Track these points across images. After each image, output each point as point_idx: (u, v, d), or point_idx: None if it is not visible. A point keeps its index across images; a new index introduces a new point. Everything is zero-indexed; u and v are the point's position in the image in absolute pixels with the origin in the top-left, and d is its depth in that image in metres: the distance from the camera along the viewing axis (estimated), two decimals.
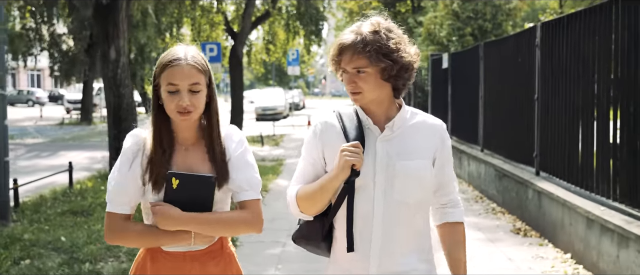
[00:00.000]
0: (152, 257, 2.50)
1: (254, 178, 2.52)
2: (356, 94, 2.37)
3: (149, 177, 2.44)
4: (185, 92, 2.40)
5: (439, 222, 2.57)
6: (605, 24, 6.13)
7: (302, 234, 2.55)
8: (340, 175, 2.33)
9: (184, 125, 2.48)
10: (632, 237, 5.24)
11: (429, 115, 2.52)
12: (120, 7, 11.80)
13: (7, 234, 7.41)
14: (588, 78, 6.54)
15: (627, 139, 5.66)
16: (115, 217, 2.45)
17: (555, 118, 7.49)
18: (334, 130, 2.46)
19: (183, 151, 2.50)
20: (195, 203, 2.39)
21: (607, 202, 6.05)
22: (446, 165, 2.51)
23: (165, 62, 2.43)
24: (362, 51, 2.32)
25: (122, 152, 2.50)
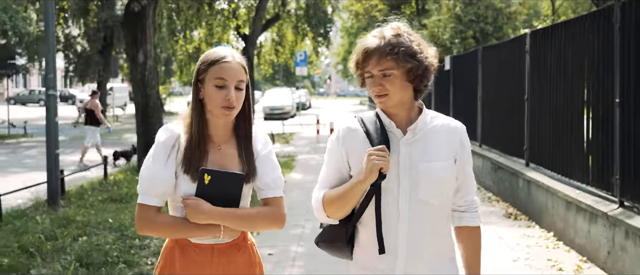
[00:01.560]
0: (181, 249, 2.60)
1: (279, 178, 2.65)
2: (382, 96, 2.42)
3: (183, 171, 2.52)
4: (232, 87, 2.51)
5: (456, 225, 2.61)
6: (581, 34, 7.16)
7: (325, 237, 2.60)
8: (369, 179, 2.36)
9: (221, 122, 2.59)
10: (599, 213, 6.27)
11: (449, 117, 2.58)
12: (148, 15, 12.86)
13: (61, 216, 8.48)
14: (568, 82, 7.56)
15: (597, 135, 6.69)
16: (147, 209, 2.53)
17: (541, 116, 8.52)
18: (358, 134, 2.51)
19: (216, 149, 2.60)
20: (224, 198, 2.50)
21: (582, 187, 7.09)
22: (466, 167, 2.55)
23: (214, 59, 2.54)
24: (390, 53, 2.37)
25: (155, 145, 2.58)
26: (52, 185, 9.19)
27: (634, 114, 5.81)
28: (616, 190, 6.18)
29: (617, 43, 6.08)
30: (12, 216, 8.40)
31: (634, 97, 5.80)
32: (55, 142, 9.24)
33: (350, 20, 45.11)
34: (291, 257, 6.97)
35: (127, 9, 12.97)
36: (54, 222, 8.09)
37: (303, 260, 6.76)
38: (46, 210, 8.96)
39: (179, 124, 2.62)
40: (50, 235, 7.42)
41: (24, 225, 7.78)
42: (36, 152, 19.34)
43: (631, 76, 5.86)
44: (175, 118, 2.64)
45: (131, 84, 13.98)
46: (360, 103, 64.69)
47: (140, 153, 13.19)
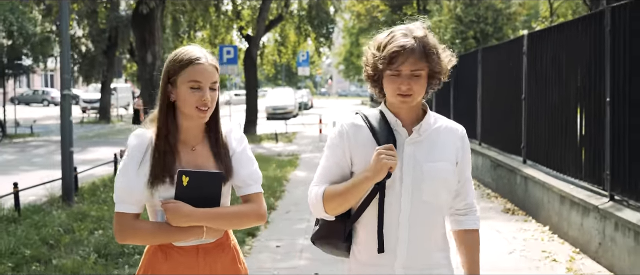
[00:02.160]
0: (165, 253, 2.55)
1: (256, 172, 2.63)
2: (408, 96, 2.40)
3: (157, 175, 2.48)
4: (206, 89, 2.48)
5: (456, 229, 2.63)
6: (574, 37, 7.50)
7: (321, 234, 2.58)
8: (377, 177, 2.36)
9: (194, 123, 2.55)
10: (591, 207, 6.61)
11: (450, 120, 2.60)
12: (156, 17, 13.23)
13: (76, 211, 8.82)
14: (562, 82, 7.90)
15: (589, 132, 7.03)
16: (125, 217, 2.48)
17: (538, 115, 8.86)
18: (362, 131, 2.51)
19: (189, 150, 2.57)
20: (205, 199, 2.47)
21: (575, 182, 7.43)
22: (466, 169, 2.57)
23: (187, 60, 2.49)
24: (425, 54, 2.38)
25: (128, 150, 2.53)
26: (66, 181, 9.54)
27: (624, 113, 6.15)
28: (607, 184, 6.52)
29: (608, 45, 6.43)
30: (29, 211, 8.75)
31: (624, 97, 6.14)
32: (69, 140, 9.58)
33: (352, 20, 45.47)
34: (298, 248, 7.31)
35: (136, 11, 13.34)
36: (70, 216, 8.44)
37: (309, 252, 7.09)
38: (61, 206, 9.31)
39: (150, 127, 2.57)
40: (68, 229, 7.78)
41: (42, 220, 8.13)
42: (44, 151, 19.70)
43: (621, 76, 6.20)
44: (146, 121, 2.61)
45: (139, 84, 14.33)
46: (361, 103, 65.07)
47: None
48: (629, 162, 6.07)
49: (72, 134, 9.71)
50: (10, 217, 8.39)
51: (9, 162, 16.50)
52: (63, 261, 6.45)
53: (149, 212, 2.57)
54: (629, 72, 6.03)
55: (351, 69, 62.10)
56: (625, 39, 6.11)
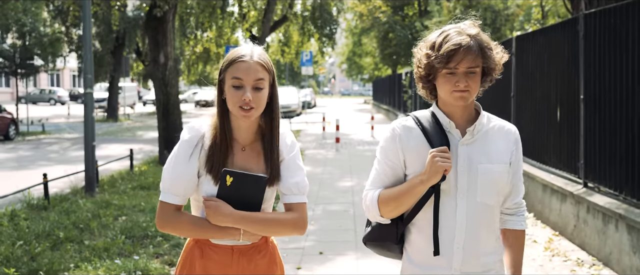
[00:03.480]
0: (201, 250, 2.57)
1: (304, 182, 2.58)
2: (465, 92, 2.38)
3: (206, 171, 2.48)
4: (249, 87, 2.44)
5: (502, 227, 2.60)
6: (555, 40, 8.25)
7: (374, 236, 2.59)
8: (432, 180, 2.36)
9: (244, 124, 2.52)
10: (568, 193, 7.36)
11: (503, 120, 2.60)
12: (168, 19, 13.98)
13: (100, 200, 9.59)
14: (544, 81, 8.64)
15: (567, 126, 7.78)
16: (168, 207, 2.50)
17: (524, 111, 9.60)
18: (414, 134, 2.49)
19: (240, 150, 2.55)
20: (246, 201, 2.46)
21: (555, 171, 8.18)
22: (519, 169, 2.56)
23: (232, 58, 2.48)
24: (481, 51, 2.37)
25: (180, 143, 2.53)
26: (89, 173, 10.31)
27: (595, 109, 6.90)
28: (581, 173, 7.27)
29: (581, 48, 7.17)
30: (57, 200, 9.53)
31: (595, 95, 6.88)
32: (91, 135, 10.35)
33: (355, 20, 46.20)
34: (305, 232, 8.06)
35: (149, 14, 14.08)
36: (96, 204, 9.22)
37: (315, 235, 7.84)
38: (84, 196, 10.08)
39: (206, 122, 2.58)
40: (95, 215, 8.55)
41: (71, 207, 8.91)
42: (58, 148, 20.47)
43: (592, 76, 6.94)
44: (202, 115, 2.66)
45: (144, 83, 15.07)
46: (364, 102, 65.77)
47: (161, 147, 14.30)
48: (599, 153, 6.82)
49: (94, 130, 10.47)
50: (41, 205, 9.18)
51: (26, 158, 17.28)
52: (94, 242, 7.21)
53: (192, 206, 2.62)
54: (599, 73, 6.77)
55: (354, 69, 62.77)
56: (595, 42, 6.85)
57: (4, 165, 15.76)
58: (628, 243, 5.86)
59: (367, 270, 6.39)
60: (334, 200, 9.99)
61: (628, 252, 5.86)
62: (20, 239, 7.11)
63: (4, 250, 6.64)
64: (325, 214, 9.09)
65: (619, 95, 6.27)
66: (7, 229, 7.63)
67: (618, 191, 6.37)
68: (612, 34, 6.41)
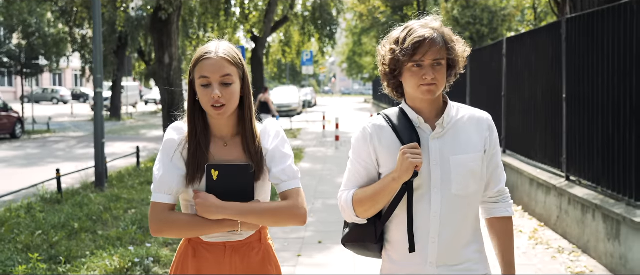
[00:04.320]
0: (194, 249, 2.55)
1: (290, 167, 2.52)
2: (432, 85, 2.38)
3: (188, 169, 2.47)
4: (216, 84, 2.41)
5: (487, 217, 2.58)
6: (541, 42, 8.72)
7: (353, 237, 2.58)
8: (404, 177, 2.34)
9: (220, 121, 2.50)
10: (552, 186, 7.84)
11: (474, 108, 2.58)
12: (173, 21, 14.46)
13: (110, 194, 10.08)
14: (532, 81, 9.12)
15: (551, 124, 8.26)
16: (160, 207, 2.45)
17: (514, 109, 10.08)
18: (385, 132, 2.49)
19: (222, 146, 2.53)
20: (237, 193, 2.45)
21: (541, 166, 8.66)
22: (495, 156, 2.53)
23: (198, 57, 2.46)
24: (444, 43, 2.38)
25: (163, 143, 2.53)
26: (99, 169, 10.79)
27: (576, 107, 7.37)
28: (564, 167, 7.74)
29: (564, 50, 7.65)
30: (69, 194, 10.01)
31: (577, 94, 7.36)
32: (101, 133, 10.82)
33: (355, 20, 46.65)
34: (306, 222, 8.54)
35: (154, 16, 14.56)
36: (106, 198, 9.70)
37: (314, 227, 8.32)
38: (94, 191, 10.56)
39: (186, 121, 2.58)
40: (106, 208, 9.03)
41: (83, 201, 9.39)
42: (64, 146, 20.96)
43: (574, 77, 7.42)
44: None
45: (157, 83, 15.56)
46: (364, 101, 66.23)
47: None
48: (579, 148, 7.29)
49: (103, 128, 10.95)
50: (54, 198, 9.67)
51: (34, 156, 17.77)
52: (107, 232, 7.69)
53: (182, 206, 2.59)
54: (580, 74, 7.25)
55: (354, 68, 63.24)
56: (577, 45, 7.33)
57: (13, 162, 16.26)
58: (603, 231, 6.34)
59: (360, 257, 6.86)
60: (333, 195, 10.46)
61: (603, 239, 6.34)
62: (39, 229, 7.59)
63: (24, 238, 7.13)
64: (324, 207, 9.57)
65: (597, 95, 6.75)
66: (24, 220, 8.11)
67: (596, 183, 6.85)
68: (592, 38, 6.88)
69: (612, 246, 6.14)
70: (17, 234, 7.38)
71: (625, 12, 6.06)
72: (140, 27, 31.22)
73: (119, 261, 6.22)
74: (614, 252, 6.08)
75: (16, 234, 7.38)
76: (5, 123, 22.81)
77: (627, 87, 6.03)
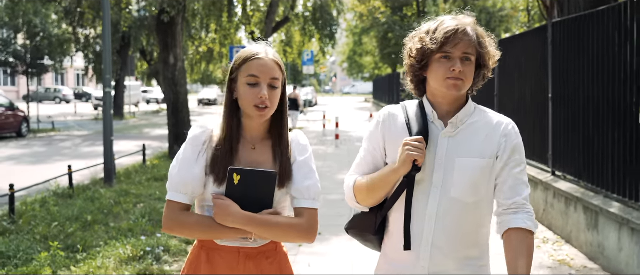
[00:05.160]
0: (207, 254, 2.49)
1: (316, 187, 2.48)
2: (459, 79, 2.29)
3: (212, 170, 2.41)
4: (265, 85, 2.39)
5: (502, 231, 2.35)
6: (529, 45, 9.18)
7: (354, 224, 2.53)
8: (401, 170, 2.28)
9: (256, 123, 2.46)
10: (538, 181, 8.30)
11: (498, 114, 2.46)
12: (177, 23, 14.92)
13: (119, 190, 10.55)
14: (522, 81, 9.58)
15: (539, 122, 8.72)
16: (176, 206, 2.43)
17: (506, 108, 10.53)
18: (398, 122, 2.42)
19: (250, 149, 2.49)
20: (256, 199, 2.39)
21: (530, 162, 9.11)
22: (511, 167, 2.35)
23: (247, 56, 2.43)
24: (476, 38, 2.31)
25: (188, 141, 2.48)
26: (108, 165, 11.25)
27: (561, 106, 7.83)
28: (550, 163, 8.20)
29: (549, 53, 8.10)
30: (80, 190, 10.48)
31: (561, 94, 7.81)
32: (110, 131, 11.28)
33: (355, 20, 47.08)
34: (314, 240, 9.01)
35: (159, 17, 15.01)
36: (116, 193, 10.17)
37: None
38: (103, 186, 11.02)
39: (215, 121, 2.55)
40: (116, 202, 9.49)
41: (94, 195, 9.86)
42: (70, 144, 21.41)
43: (559, 78, 7.87)
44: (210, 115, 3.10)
45: (163, 83, 16.01)
46: (365, 100, 66.65)
47: (171, 142, 15.25)
48: (564, 145, 7.75)
49: (112, 126, 11.41)
50: (66, 193, 10.14)
51: (42, 154, 18.23)
52: (119, 224, 8.15)
53: (196, 206, 2.54)
54: (564, 75, 7.70)
55: (354, 68, 63.67)
56: (561, 48, 7.78)
57: (22, 160, 16.72)
58: (584, 222, 6.79)
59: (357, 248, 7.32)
60: (333, 191, 10.88)
61: (583, 229, 6.79)
62: (54, 221, 8.05)
63: (41, 229, 7.59)
64: (324, 202, 9.93)
65: (579, 96, 7.21)
66: (40, 213, 8.57)
67: (578, 178, 7.31)
68: (576, 41, 7.33)
69: (591, 236, 6.59)
70: (35, 226, 7.84)
71: (602, 18, 6.52)
72: (143, 27, 31.63)
73: (132, 250, 6.67)
74: (593, 241, 6.54)
75: (34, 226, 7.84)
76: (12, 122, 23.26)
77: (604, 88, 6.48)
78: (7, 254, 6.52)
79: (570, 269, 6.35)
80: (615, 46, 6.22)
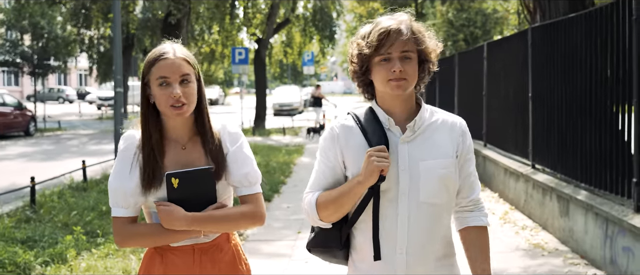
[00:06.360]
0: (162, 256, 2.49)
1: (252, 173, 2.49)
2: (401, 80, 2.28)
3: (147, 179, 2.40)
4: (176, 83, 2.37)
5: (461, 227, 2.45)
6: (513, 47, 9.85)
7: (317, 242, 2.47)
8: (369, 181, 2.24)
9: (178, 122, 2.45)
10: (520, 174, 8.97)
11: (448, 113, 2.48)
12: (183, 25, 15.60)
13: None
14: (507, 81, 10.25)
15: (521, 119, 9.40)
16: (122, 221, 2.43)
17: (493, 107, 11.21)
18: (353, 132, 2.39)
19: (180, 149, 2.48)
20: (199, 197, 2.40)
21: (513, 157, 9.79)
22: (467, 164, 2.42)
23: (154, 58, 2.41)
24: (411, 35, 2.28)
25: (118, 154, 2.47)
26: None
27: (540, 104, 8.50)
28: (530, 157, 8.87)
29: (529, 55, 8.78)
30: (93, 183, 11.17)
31: (539, 93, 8.48)
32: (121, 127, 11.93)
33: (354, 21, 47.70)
34: (264, 222, 9.72)
35: (165, 20, 15.69)
36: None
37: None
38: None
39: (138, 128, 2.50)
40: None
41: (106, 188, 10.51)
42: (77, 142, 22.10)
43: (538, 78, 8.54)
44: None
45: None
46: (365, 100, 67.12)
47: None
48: (542, 140, 8.42)
49: (122, 124, 12.05)
50: (81, 186, 10.83)
51: (51, 151, 18.92)
52: None
53: (145, 214, 2.54)
54: (542, 76, 8.37)
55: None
56: (540, 51, 8.45)
57: (33, 157, 17.42)
58: (557, 209, 7.46)
59: None
60: None
61: (557, 216, 7.46)
62: (72, 210, 8.73)
63: (62, 217, 8.28)
64: None
65: (554, 95, 7.87)
66: (58, 204, 9.25)
67: (554, 170, 7.98)
68: (553, 45, 7.99)
69: (563, 222, 7.26)
70: (55, 214, 8.51)
71: (570, 25, 7.20)
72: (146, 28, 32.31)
73: None
74: (565, 226, 7.21)
75: (54, 214, 8.52)
76: (21, 121, 23.94)
77: (573, 89, 7.16)
78: (33, 238, 7.19)
79: (542, 251, 7.02)
80: (582, 51, 6.89)
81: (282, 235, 7.84)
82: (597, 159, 6.56)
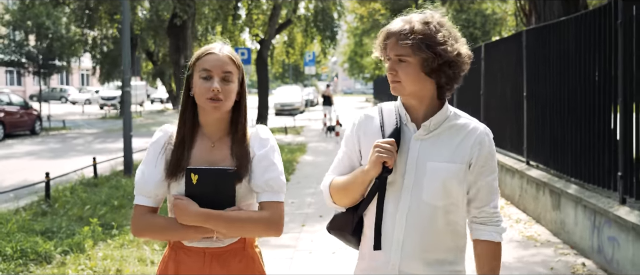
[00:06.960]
0: (175, 254, 2.52)
1: (277, 179, 2.48)
2: (395, 82, 2.30)
3: (168, 171, 2.44)
4: (217, 78, 2.42)
5: (473, 238, 2.44)
6: (509, 48, 10.23)
7: (334, 224, 2.53)
8: (371, 171, 2.30)
9: (213, 118, 2.48)
10: (515, 170, 9.34)
11: (473, 119, 2.45)
12: (188, 26, 15.98)
13: None
14: (503, 81, 10.62)
15: (515, 118, 9.77)
16: (141, 210, 2.47)
17: (490, 106, 11.58)
18: (372, 124, 2.43)
19: (209, 146, 2.50)
20: (217, 197, 2.40)
21: (509, 154, 10.17)
22: (482, 175, 2.37)
23: (201, 53, 2.49)
24: (405, 39, 2.24)
25: (149, 145, 2.53)
26: (127, 158, 12.31)
27: (534, 104, 8.87)
28: (525, 153, 9.24)
29: (524, 56, 9.15)
30: (103, 179, 11.55)
31: (533, 93, 8.85)
32: (129, 127, 12.33)
33: (355, 21, 48.05)
34: (307, 203, 10.05)
35: (171, 22, 16.07)
36: None
37: (315, 205, 9.83)
38: (123, 177, 12.06)
39: (175, 123, 2.57)
40: None
41: (116, 184, 10.92)
42: (82, 141, 22.46)
43: (531, 78, 8.91)
44: None
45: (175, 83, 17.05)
46: (366, 100, 67.63)
47: None
48: (536, 138, 8.79)
49: (131, 122, 12.46)
50: (92, 182, 11.21)
51: (58, 150, 19.30)
52: None
53: (168, 208, 2.57)
54: (535, 76, 8.75)
55: (355, 68, 64.66)
56: (534, 52, 8.82)
57: (41, 155, 17.81)
58: (550, 203, 7.83)
59: None
60: None
61: (549, 209, 7.84)
62: (85, 204, 9.11)
63: (76, 211, 8.66)
64: None
65: (546, 94, 8.25)
66: (71, 198, 9.63)
67: (547, 166, 8.35)
68: (546, 47, 8.37)
69: (555, 214, 7.64)
70: (69, 208, 8.89)
71: (562, 27, 7.58)
72: (150, 28, 32.73)
73: None
74: (556, 219, 7.58)
75: (68, 208, 8.90)
76: (27, 120, 24.32)
77: (566, 88, 7.53)
78: (51, 229, 7.57)
79: (535, 242, 7.39)
80: (573, 53, 7.26)
81: (288, 228, 8.18)
82: (586, 155, 6.94)
